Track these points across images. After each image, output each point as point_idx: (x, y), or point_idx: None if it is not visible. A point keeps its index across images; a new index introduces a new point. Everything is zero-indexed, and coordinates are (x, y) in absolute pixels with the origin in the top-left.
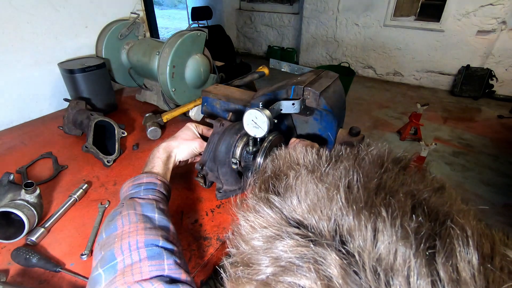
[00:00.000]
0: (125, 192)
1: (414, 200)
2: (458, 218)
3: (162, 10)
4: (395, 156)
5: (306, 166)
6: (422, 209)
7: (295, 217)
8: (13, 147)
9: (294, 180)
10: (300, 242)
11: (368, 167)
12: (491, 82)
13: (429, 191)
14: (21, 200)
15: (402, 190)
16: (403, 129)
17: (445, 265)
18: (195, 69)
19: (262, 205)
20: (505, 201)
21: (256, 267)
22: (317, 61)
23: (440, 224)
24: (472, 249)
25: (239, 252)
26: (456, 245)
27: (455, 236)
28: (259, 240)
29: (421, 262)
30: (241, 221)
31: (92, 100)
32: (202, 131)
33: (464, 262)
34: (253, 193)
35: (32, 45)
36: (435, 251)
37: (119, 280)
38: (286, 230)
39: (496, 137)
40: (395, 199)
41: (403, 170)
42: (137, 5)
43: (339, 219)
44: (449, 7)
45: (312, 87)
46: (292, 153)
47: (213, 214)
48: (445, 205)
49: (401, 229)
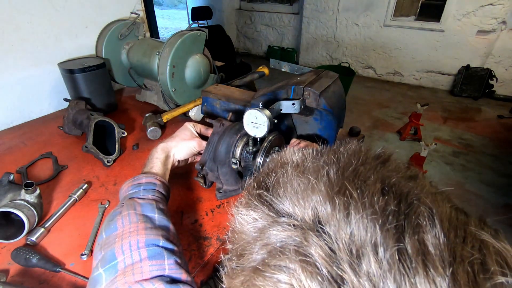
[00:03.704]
0: (125, 192)
1: (385, 183)
2: (426, 198)
3: (162, 10)
4: (375, 153)
5: (293, 163)
6: (391, 191)
7: (283, 209)
8: (13, 147)
9: (281, 176)
10: (285, 228)
11: (346, 159)
12: (491, 82)
13: (400, 177)
14: (21, 200)
15: (374, 176)
16: (403, 129)
17: (412, 238)
18: (195, 69)
19: (254, 200)
20: (505, 201)
21: (247, 256)
22: (317, 61)
23: (408, 204)
24: (438, 225)
25: (235, 245)
26: (422, 222)
27: (422, 214)
28: (251, 231)
29: (388, 235)
30: (236, 216)
31: (92, 100)
32: (200, 130)
33: (430, 236)
34: (247, 191)
35: (32, 45)
36: (402, 226)
37: (119, 280)
38: (275, 220)
39: (496, 137)
40: (366, 183)
41: (381, 164)
42: (137, 5)
43: (318, 205)
44: (449, 7)
45: (312, 87)
46: (282, 155)
47: (213, 214)
48: (415, 188)
49: (370, 207)
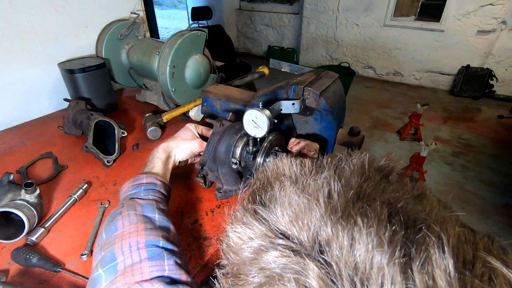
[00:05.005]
0: (125, 193)
1: (391, 208)
2: (434, 225)
3: (162, 10)
4: (378, 164)
5: (291, 177)
6: (399, 217)
7: (279, 228)
8: (13, 147)
9: (278, 192)
10: (283, 252)
11: (349, 176)
12: (491, 82)
13: (407, 198)
14: (21, 200)
15: (380, 198)
16: (403, 129)
17: (421, 272)
18: (195, 69)
19: (249, 216)
20: (505, 201)
21: (244, 278)
22: (317, 61)
23: (416, 232)
24: (448, 256)
25: (230, 263)
26: (431, 252)
27: (431, 244)
28: (247, 251)
29: (395, 270)
30: (230, 232)
31: (92, 100)
32: (202, 131)
33: (440, 269)
34: (241, 205)
35: (32, 45)
36: (410, 258)
37: (119, 281)
38: (271, 241)
39: (496, 137)
40: (372, 208)
41: (385, 178)
42: (137, 5)
43: (318, 229)
44: (449, 7)
45: (312, 87)
46: (279, 164)
47: (213, 214)
48: (423, 212)
49: (376, 237)
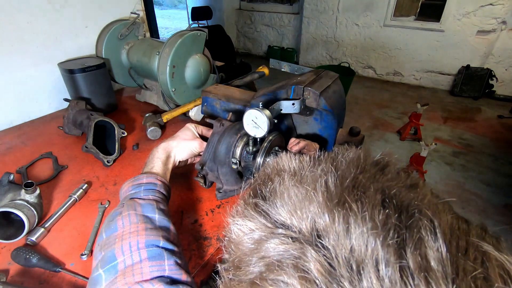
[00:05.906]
0: (125, 193)
1: (385, 195)
2: (427, 209)
3: (162, 10)
4: (373, 159)
5: (290, 171)
6: (392, 203)
7: (280, 219)
8: (13, 147)
9: (278, 185)
10: (283, 240)
11: (345, 168)
12: (491, 82)
13: (400, 187)
14: (21, 200)
15: (374, 186)
16: (403, 129)
17: (413, 253)
18: (195, 69)
19: (250, 210)
20: (505, 201)
21: (245, 268)
22: (317, 61)
23: (409, 217)
24: (440, 239)
25: (231, 256)
26: (424, 235)
27: (423, 227)
28: (248, 243)
29: (389, 251)
30: (232, 226)
31: (92, 100)
32: (202, 131)
33: (433, 250)
34: (243, 200)
35: (32, 45)
36: (403, 240)
37: (119, 281)
38: (272, 231)
39: (496, 137)
40: (366, 195)
41: (380, 171)
42: (137, 5)
43: (316, 217)
44: (449, 7)
45: (312, 87)
46: (279, 161)
47: (213, 214)
48: (416, 199)
49: (370, 221)
